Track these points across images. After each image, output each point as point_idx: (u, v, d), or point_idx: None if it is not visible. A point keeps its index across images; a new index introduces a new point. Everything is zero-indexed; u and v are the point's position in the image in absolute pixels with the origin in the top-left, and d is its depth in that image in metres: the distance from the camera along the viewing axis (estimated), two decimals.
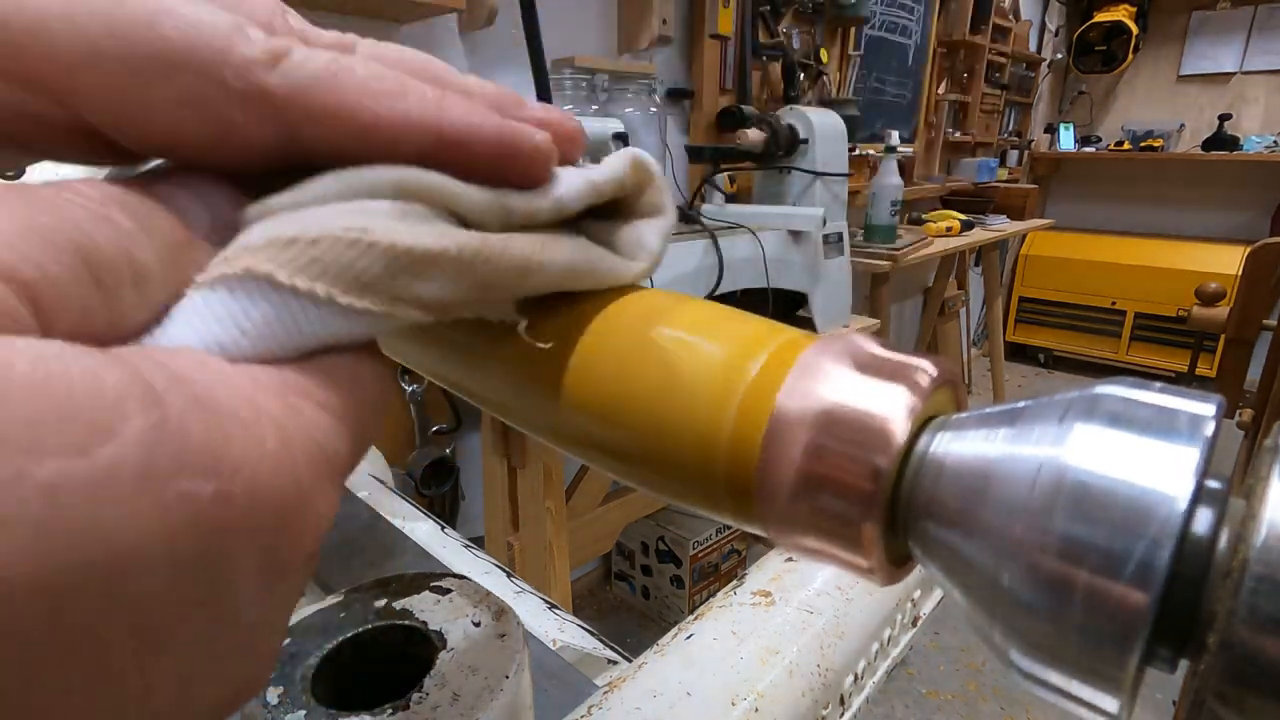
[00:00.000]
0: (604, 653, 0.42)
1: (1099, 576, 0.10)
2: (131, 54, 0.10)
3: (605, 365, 0.15)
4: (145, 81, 0.10)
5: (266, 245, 0.11)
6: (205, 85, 0.10)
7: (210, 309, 0.10)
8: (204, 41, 0.10)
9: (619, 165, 0.16)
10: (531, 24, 0.88)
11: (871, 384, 0.12)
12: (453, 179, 0.13)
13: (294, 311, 0.11)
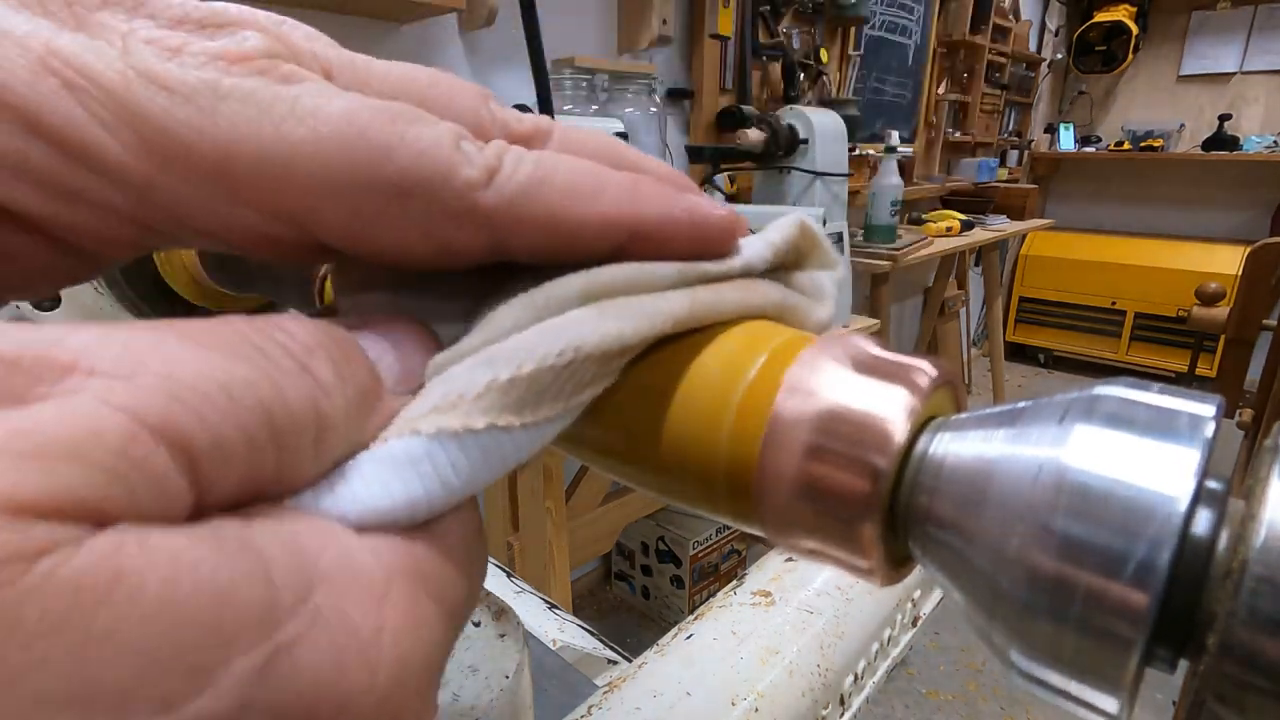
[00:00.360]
0: (604, 653, 0.42)
1: (1099, 577, 0.10)
2: (370, 185, 0.10)
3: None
4: (379, 207, 0.11)
5: (487, 391, 0.11)
6: (430, 208, 0.11)
7: (416, 464, 0.10)
8: (430, 168, 0.11)
9: (790, 229, 0.16)
10: (531, 24, 0.88)
11: (870, 384, 0.12)
12: (637, 265, 0.13)
13: (503, 446, 0.11)
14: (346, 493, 0.10)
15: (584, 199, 0.12)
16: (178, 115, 0.09)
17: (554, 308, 0.12)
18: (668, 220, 0.13)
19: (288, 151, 0.10)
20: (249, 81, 0.10)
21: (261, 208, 0.10)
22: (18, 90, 0.09)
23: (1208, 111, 3.53)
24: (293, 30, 0.11)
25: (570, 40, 1.44)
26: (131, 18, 0.10)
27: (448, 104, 0.12)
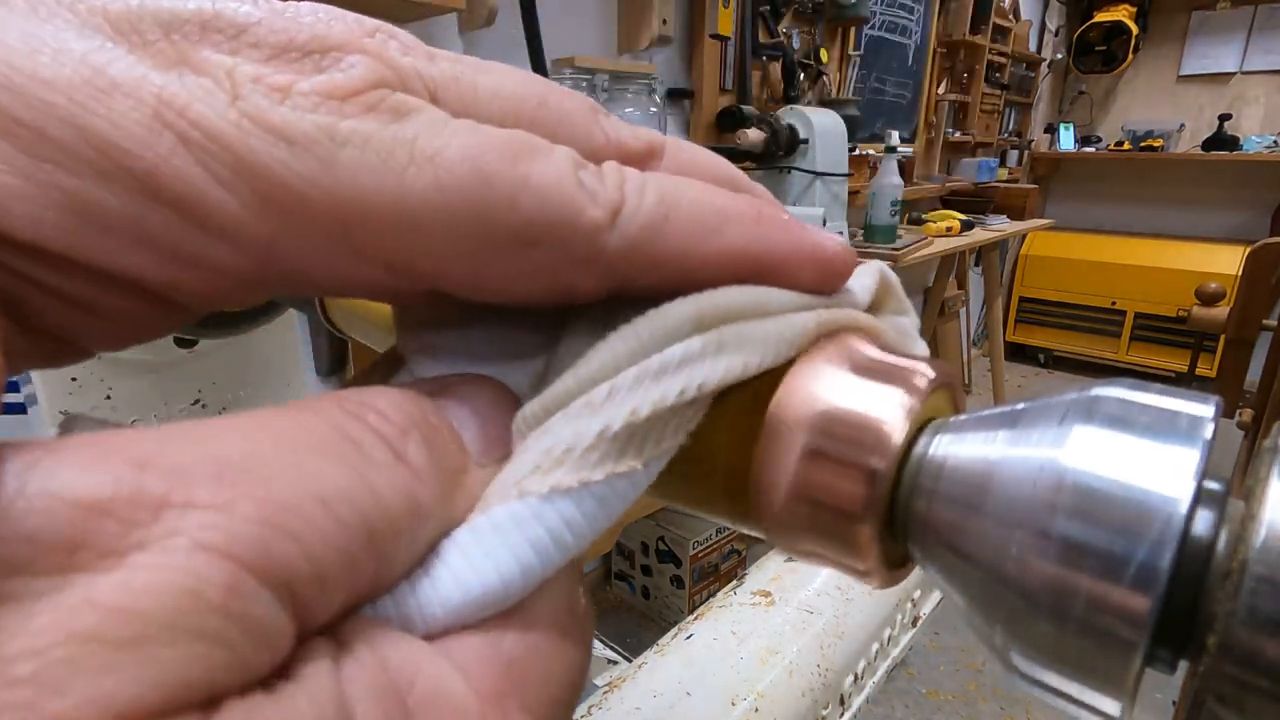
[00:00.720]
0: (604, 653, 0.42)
1: (1100, 579, 0.10)
2: (496, 236, 0.10)
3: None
4: (504, 257, 0.10)
5: (599, 442, 0.10)
6: (555, 257, 0.10)
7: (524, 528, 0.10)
8: (556, 214, 0.10)
9: (872, 275, 0.15)
10: (531, 24, 0.88)
11: (869, 386, 0.12)
12: (756, 289, 0.12)
13: (623, 491, 0.11)
14: (437, 586, 0.09)
15: (710, 234, 0.12)
16: (297, 169, 0.09)
17: (662, 340, 0.11)
18: (794, 254, 0.13)
19: (414, 205, 0.09)
20: (365, 124, 0.09)
21: (382, 261, 0.10)
22: (134, 150, 0.08)
23: (1208, 111, 3.53)
24: (389, 43, 0.10)
25: (570, 40, 1.44)
26: (235, 50, 0.09)
27: (559, 123, 0.11)
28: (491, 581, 0.09)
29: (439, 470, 0.09)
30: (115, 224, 0.08)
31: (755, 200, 0.13)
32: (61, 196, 0.08)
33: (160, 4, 0.09)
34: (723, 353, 0.11)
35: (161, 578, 0.06)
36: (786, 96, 1.83)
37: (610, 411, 0.10)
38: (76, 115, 0.08)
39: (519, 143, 0.10)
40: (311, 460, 0.08)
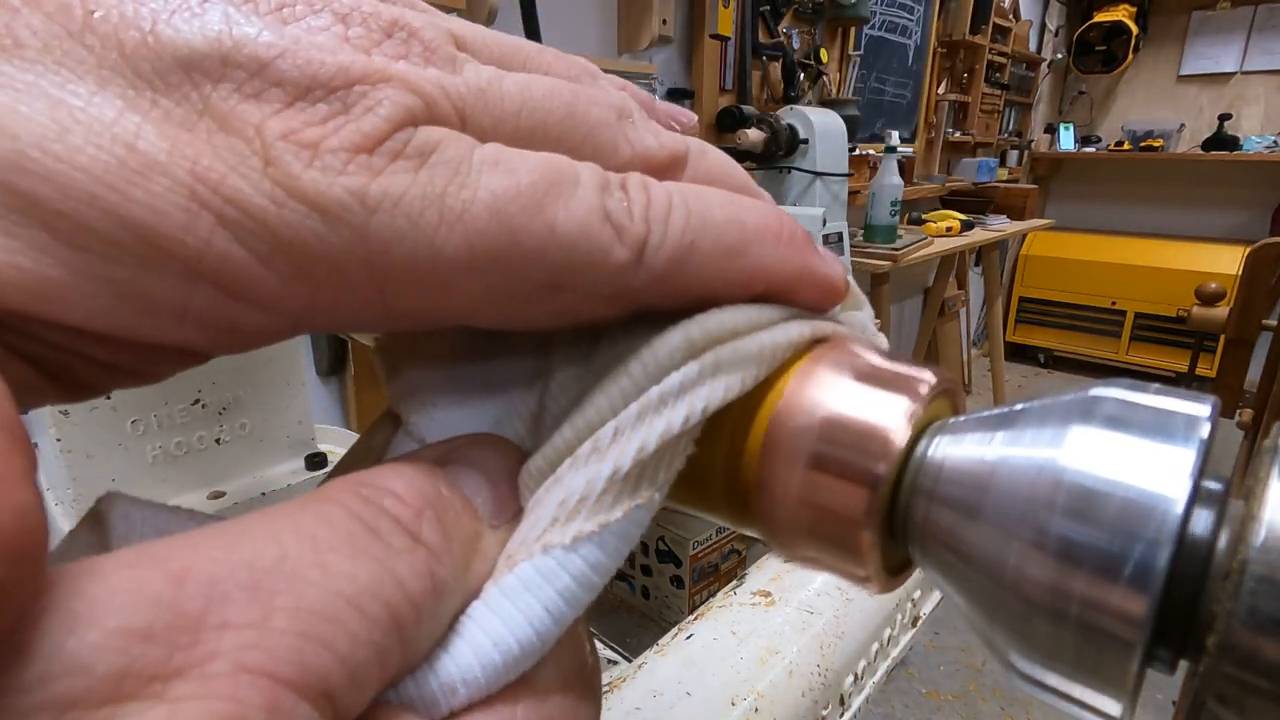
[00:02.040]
0: (604, 653, 0.42)
1: (1098, 579, 0.10)
2: (524, 289, 0.10)
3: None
4: (531, 303, 0.10)
5: (611, 485, 0.10)
6: (581, 298, 0.10)
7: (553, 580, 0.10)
8: (584, 260, 0.10)
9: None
10: (531, 24, 0.88)
11: (871, 393, 0.12)
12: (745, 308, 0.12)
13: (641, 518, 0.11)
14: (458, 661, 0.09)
15: (734, 257, 0.12)
16: (332, 240, 0.09)
17: (655, 374, 0.11)
18: (806, 277, 0.13)
19: (445, 264, 0.09)
20: (396, 181, 0.09)
21: (411, 314, 0.10)
22: (175, 236, 0.08)
23: (1208, 111, 3.53)
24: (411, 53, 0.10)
25: (570, 40, 1.44)
26: (259, 92, 0.09)
27: (585, 138, 0.11)
28: (528, 637, 0.10)
29: (455, 543, 0.10)
30: (159, 306, 0.08)
31: (777, 212, 0.13)
32: (107, 286, 0.08)
33: (176, 36, 0.08)
34: (720, 373, 0.11)
35: (207, 708, 0.06)
36: (786, 96, 1.83)
37: (618, 452, 0.10)
38: (116, 205, 0.08)
39: (546, 178, 0.10)
40: (336, 560, 0.08)
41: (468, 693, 0.09)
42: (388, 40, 0.10)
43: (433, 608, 0.09)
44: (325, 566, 0.08)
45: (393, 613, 0.08)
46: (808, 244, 0.13)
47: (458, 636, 0.10)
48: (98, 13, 0.08)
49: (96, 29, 0.08)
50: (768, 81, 1.85)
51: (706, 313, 0.12)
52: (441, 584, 0.09)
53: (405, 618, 0.08)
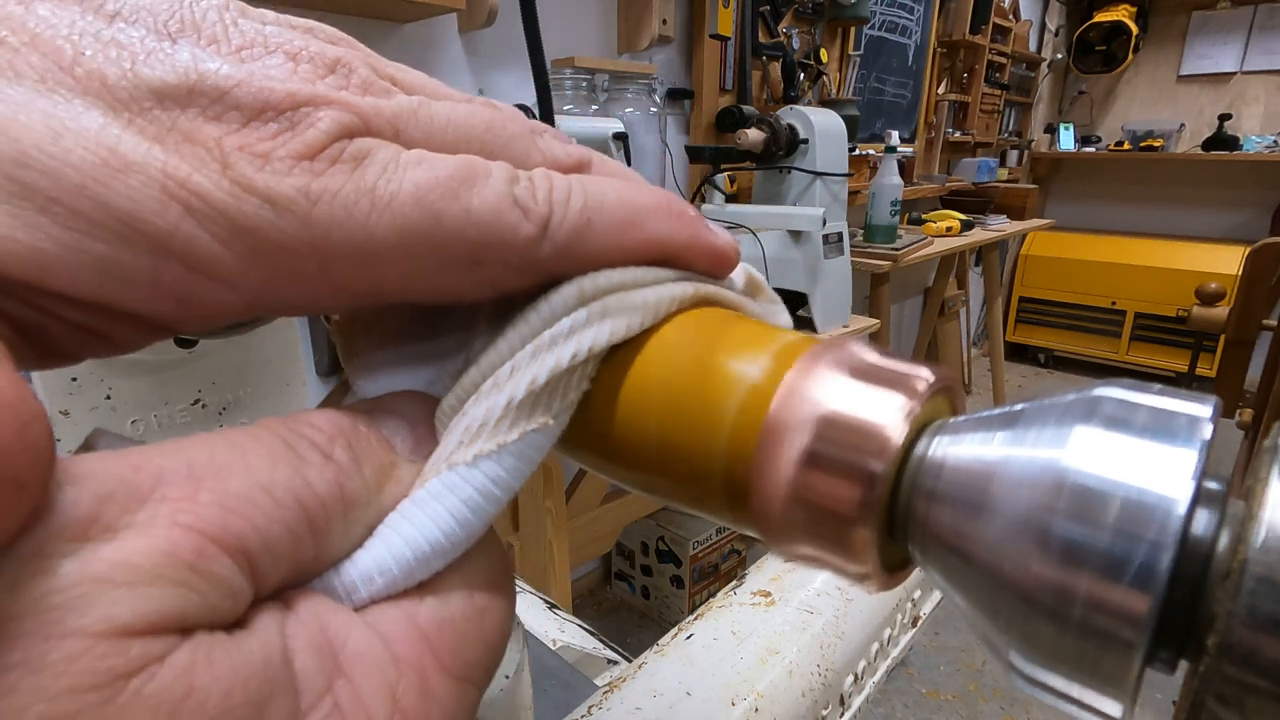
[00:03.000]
0: (604, 653, 0.42)
1: (1100, 580, 0.10)
2: (446, 259, 0.12)
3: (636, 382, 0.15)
4: (455, 275, 0.12)
5: (508, 412, 0.12)
6: (498, 270, 0.12)
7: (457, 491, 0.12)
8: (495, 235, 0.12)
9: (744, 272, 0.17)
10: (531, 24, 0.88)
11: (868, 390, 0.12)
12: (626, 270, 0.14)
13: (538, 443, 0.12)
14: (370, 560, 0.11)
15: (629, 229, 0.14)
16: (281, 226, 0.11)
17: (549, 320, 0.13)
18: (695, 244, 0.15)
19: (377, 245, 0.11)
20: (333, 179, 0.11)
21: (351, 291, 0.12)
22: (149, 219, 0.10)
23: (1208, 111, 3.53)
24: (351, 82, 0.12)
25: (570, 40, 1.44)
26: (219, 115, 0.11)
27: (502, 147, 0.13)
28: (436, 538, 0.11)
29: (364, 466, 0.11)
30: (134, 277, 0.10)
31: (667, 195, 0.15)
32: (91, 260, 0.10)
33: (151, 74, 0.10)
34: (606, 318, 0.13)
35: (148, 543, 0.08)
36: (786, 96, 1.83)
37: (514, 384, 0.12)
38: (100, 194, 0.10)
39: (462, 172, 0.12)
40: (256, 462, 0.10)
41: (384, 582, 0.11)
42: (331, 75, 0.12)
43: (341, 511, 0.11)
44: (247, 466, 0.10)
45: (302, 505, 0.10)
46: (697, 219, 0.15)
47: (376, 539, 0.11)
48: (87, 53, 0.10)
49: (85, 65, 0.10)
50: (768, 81, 1.85)
51: (600, 271, 0.13)
52: (350, 495, 0.11)
53: (314, 512, 0.10)
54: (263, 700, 0.09)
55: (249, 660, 0.09)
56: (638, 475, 0.15)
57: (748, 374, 0.13)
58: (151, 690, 0.08)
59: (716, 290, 0.16)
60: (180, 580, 0.08)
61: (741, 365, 0.13)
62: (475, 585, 0.12)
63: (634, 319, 0.13)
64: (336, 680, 0.10)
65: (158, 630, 0.08)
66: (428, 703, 0.10)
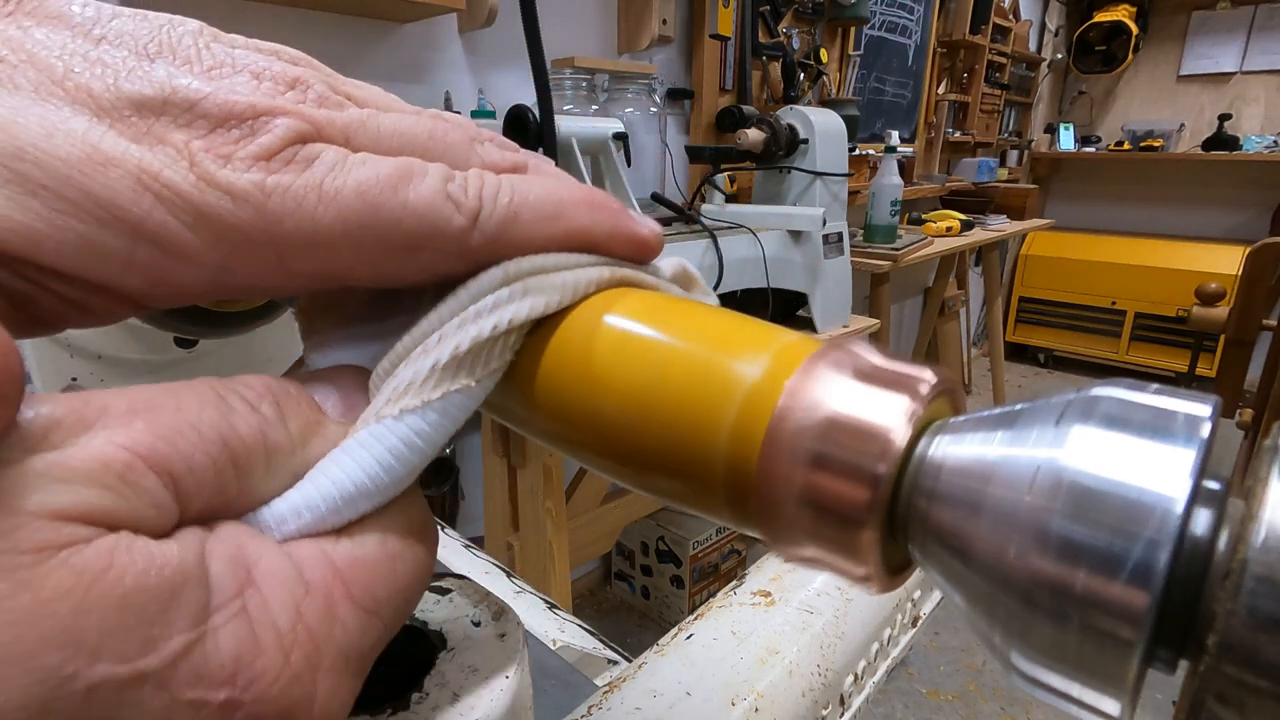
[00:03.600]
0: (604, 653, 0.42)
1: (1098, 578, 0.10)
2: (386, 247, 0.13)
3: (598, 368, 0.15)
4: (394, 259, 0.14)
5: (433, 373, 0.13)
6: (432, 255, 0.14)
7: (383, 440, 0.13)
8: (430, 226, 0.14)
9: (676, 263, 0.19)
10: (531, 24, 0.88)
11: (871, 392, 0.12)
12: (550, 255, 0.15)
13: (462, 403, 0.14)
14: (293, 501, 0.12)
15: (552, 220, 0.15)
16: (239, 214, 0.12)
17: (476, 296, 0.14)
18: (616, 233, 0.16)
19: (324, 233, 0.13)
20: (285, 176, 0.12)
21: (304, 273, 0.13)
22: (125, 207, 0.11)
23: (1208, 111, 3.53)
24: (307, 96, 0.14)
25: (570, 40, 1.44)
26: (189, 123, 0.12)
27: (442, 152, 0.15)
28: (361, 480, 0.13)
29: (290, 421, 0.13)
30: (112, 255, 0.12)
31: (592, 190, 0.17)
32: (75, 237, 0.11)
33: (131, 86, 0.12)
34: (527, 296, 0.15)
35: (87, 454, 0.10)
36: (786, 96, 1.83)
37: (439, 350, 0.14)
38: (84, 183, 0.11)
39: (401, 170, 0.13)
40: (189, 405, 0.11)
41: (311, 518, 0.12)
42: (291, 91, 0.14)
43: (263, 455, 0.12)
44: (179, 407, 0.11)
45: (225, 443, 0.11)
46: (619, 211, 0.17)
47: (306, 480, 0.13)
48: (76, 70, 0.12)
49: (74, 79, 0.12)
50: (768, 81, 1.85)
51: (525, 256, 0.15)
52: (272, 443, 0.12)
53: (236, 451, 0.12)
54: (175, 588, 0.10)
55: (166, 555, 0.10)
56: (638, 477, 0.15)
57: (749, 376, 0.13)
58: (76, 561, 0.09)
59: (636, 274, 0.17)
60: (110, 486, 0.10)
61: (742, 365, 0.13)
62: (391, 532, 0.13)
63: (553, 297, 0.15)
64: (247, 589, 0.11)
65: (87, 520, 0.09)
66: (331, 623, 0.12)
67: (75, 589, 0.09)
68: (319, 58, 0.16)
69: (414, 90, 1.24)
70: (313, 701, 0.11)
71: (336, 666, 0.11)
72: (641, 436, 0.14)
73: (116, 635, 0.09)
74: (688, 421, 0.13)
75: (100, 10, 0.13)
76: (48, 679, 0.08)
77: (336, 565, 0.12)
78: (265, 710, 0.10)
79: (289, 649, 0.11)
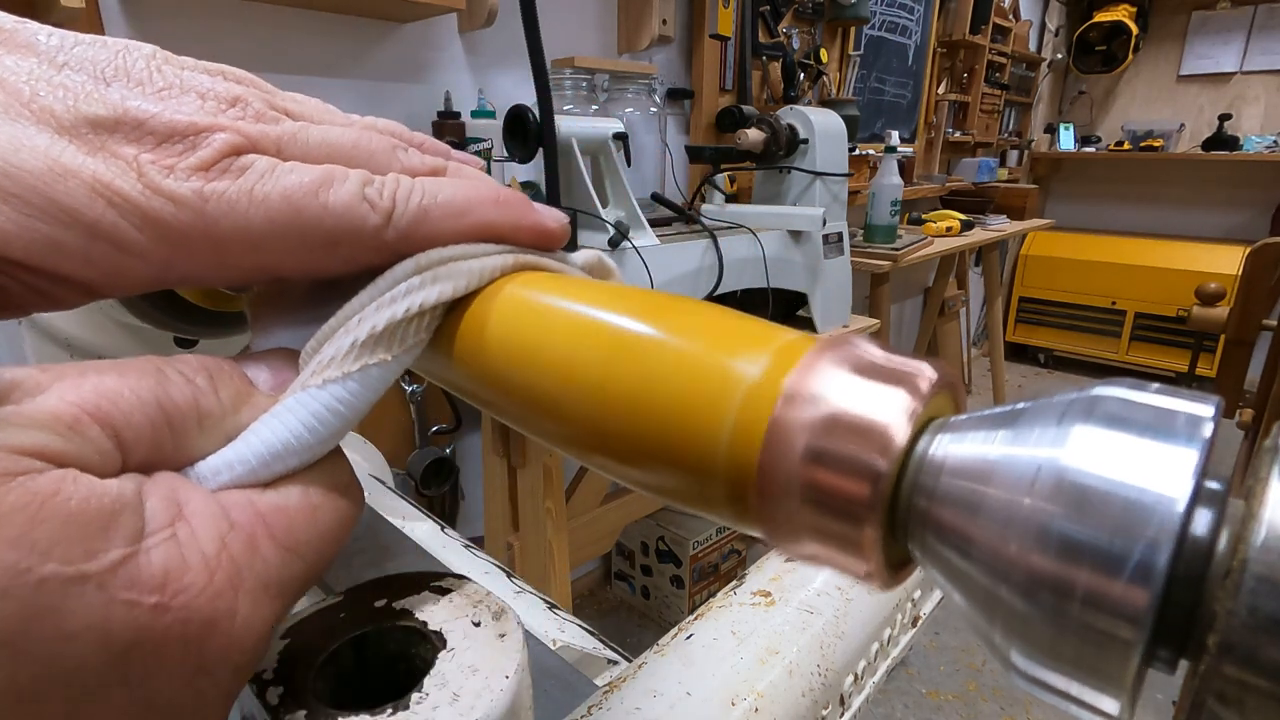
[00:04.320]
0: (604, 653, 0.42)
1: (1098, 577, 0.10)
2: (310, 244, 0.15)
3: (598, 367, 0.15)
4: (319, 254, 0.16)
5: (352, 349, 0.15)
6: (352, 250, 0.16)
7: (307, 406, 0.15)
8: (347, 224, 0.16)
9: (590, 255, 0.21)
10: (531, 24, 0.88)
11: (872, 388, 0.12)
12: (466, 245, 0.17)
13: (380, 375, 0.16)
14: (223, 458, 0.14)
15: (459, 216, 0.17)
16: (180, 217, 0.14)
17: (392, 283, 0.16)
18: (519, 225, 0.19)
19: (255, 233, 0.15)
20: (220, 184, 0.14)
21: (241, 267, 0.15)
22: (83, 211, 0.13)
23: (1208, 111, 3.53)
24: (246, 113, 0.16)
25: (570, 40, 1.44)
26: (138, 139, 0.14)
27: (366, 160, 0.17)
28: (286, 439, 0.14)
29: (221, 391, 0.15)
30: (71, 251, 0.13)
31: (497, 187, 0.19)
32: (40, 237, 0.13)
33: (88, 108, 0.14)
34: (437, 282, 0.16)
35: (41, 407, 0.12)
36: (786, 96, 1.83)
37: (359, 329, 0.16)
38: (47, 191, 0.13)
39: (323, 177, 0.15)
40: (131, 375, 0.13)
41: (243, 470, 0.14)
42: (231, 109, 0.16)
43: (195, 418, 0.14)
44: (122, 375, 0.13)
45: (160, 406, 0.13)
46: (523, 205, 0.19)
47: (238, 440, 0.14)
48: (41, 93, 0.14)
49: (40, 102, 0.14)
50: (768, 81, 1.85)
51: (436, 248, 0.17)
52: (204, 409, 0.14)
53: (170, 413, 0.13)
54: (114, 513, 0.11)
55: (106, 488, 0.12)
56: (639, 476, 0.15)
57: (749, 372, 0.13)
58: (30, 485, 0.11)
59: (541, 259, 0.19)
60: (60, 433, 0.12)
61: (742, 363, 0.13)
62: (313, 486, 0.15)
63: (459, 282, 0.17)
64: (178, 521, 0.12)
65: (41, 457, 0.11)
66: (252, 555, 0.13)
67: (30, 505, 0.10)
68: (319, 57, 0.17)
69: (414, 90, 1.24)
70: (234, 616, 0.13)
71: (256, 590, 0.13)
72: (641, 435, 0.14)
73: (62, 544, 0.11)
74: (690, 424, 0.13)
75: (64, 39, 0.15)
76: (6, 571, 0.10)
77: (260, 510, 0.14)
78: (190, 616, 0.12)
79: (213, 570, 0.12)
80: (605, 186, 1.11)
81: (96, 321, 0.35)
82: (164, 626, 0.12)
